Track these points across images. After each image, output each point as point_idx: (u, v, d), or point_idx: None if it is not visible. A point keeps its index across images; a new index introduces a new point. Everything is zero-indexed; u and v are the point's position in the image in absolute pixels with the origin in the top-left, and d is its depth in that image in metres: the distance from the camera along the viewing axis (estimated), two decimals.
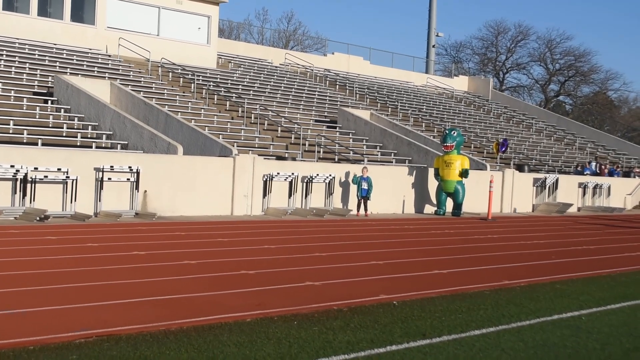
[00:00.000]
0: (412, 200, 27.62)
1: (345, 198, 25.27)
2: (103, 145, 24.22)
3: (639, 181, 39.50)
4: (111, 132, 24.88)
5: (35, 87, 28.44)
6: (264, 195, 23.08)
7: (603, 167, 41.07)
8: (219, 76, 37.64)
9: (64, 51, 33.64)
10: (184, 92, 33.38)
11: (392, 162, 31.41)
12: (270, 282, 10.69)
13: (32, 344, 6.90)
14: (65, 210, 18.90)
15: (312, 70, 46.17)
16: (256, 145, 28.53)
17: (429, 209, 27.86)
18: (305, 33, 79.73)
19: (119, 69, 33.43)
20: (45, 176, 18.64)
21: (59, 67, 31.26)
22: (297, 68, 46.21)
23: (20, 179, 18.25)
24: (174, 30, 37.92)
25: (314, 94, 40.50)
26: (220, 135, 27.08)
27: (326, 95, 41.16)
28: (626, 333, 8.73)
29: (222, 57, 41.95)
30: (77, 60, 32.90)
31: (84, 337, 7.22)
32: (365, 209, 24.72)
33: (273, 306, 9.01)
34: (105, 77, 31.03)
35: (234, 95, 34.58)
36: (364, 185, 24.63)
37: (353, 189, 25.04)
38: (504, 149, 31.18)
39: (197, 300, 9.23)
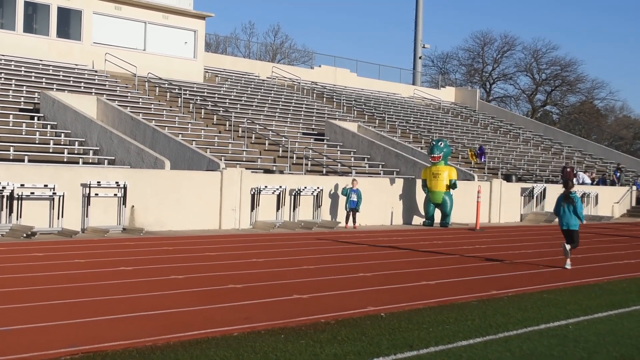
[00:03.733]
0: (401, 212, 27.65)
1: (333, 210, 25.28)
2: (90, 160, 24.17)
3: (626, 190, 39.67)
4: (98, 148, 24.84)
5: (22, 103, 28.38)
6: (252, 208, 23.06)
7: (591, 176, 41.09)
8: (206, 90, 37.65)
9: (50, 67, 33.59)
10: (170, 107, 33.36)
11: (380, 173, 31.46)
12: (258, 296, 10.68)
13: None
14: (52, 227, 18.84)
15: (299, 83, 46.24)
16: (244, 159, 28.53)
17: (418, 220, 27.90)
18: (292, 46, 79.87)
19: (105, 85, 33.40)
20: (32, 192, 18.58)
21: (45, 83, 31.21)
22: (284, 81, 46.27)
23: (7, 195, 18.18)
24: (161, 45, 37.92)
25: (301, 107, 40.55)
26: (208, 150, 27.06)
27: (313, 108, 41.21)
28: (613, 341, 8.76)
29: (208, 71, 41.98)
30: (63, 76, 32.86)
31: (71, 353, 7.19)
32: (354, 221, 24.73)
33: (260, 320, 9.01)
34: (91, 92, 30.99)
35: (221, 109, 34.59)
36: (354, 197, 24.64)
37: (341, 201, 25.04)
38: (483, 158, 31.09)
39: (184, 315, 9.21)
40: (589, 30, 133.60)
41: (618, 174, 42.45)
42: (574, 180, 38.47)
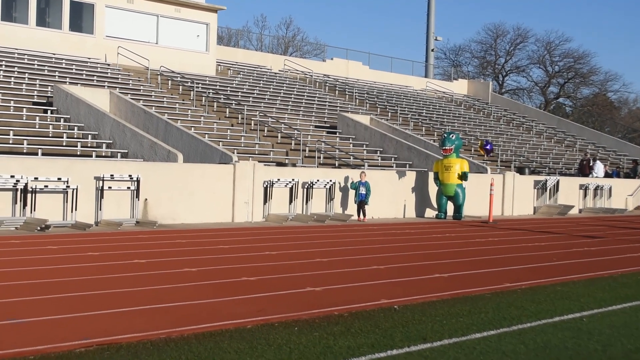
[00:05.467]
0: (413, 205, 27.61)
1: (346, 203, 25.26)
2: (103, 154, 24.24)
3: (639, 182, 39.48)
4: (111, 141, 24.90)
5: (35, 97, 28.48)
6: (265, 201, 23.08)
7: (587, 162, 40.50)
8: (218, 83, 37.68)
9: (63, 61, 33.69)
10: (183, 100, 33.41)
11: (392, 166, 31.41)
12: (271, 289, 10.69)
13: (32, 353, 6.90)
14: (65, 220, 18.90)
15: (312, 75, 46.21)
16: (256, 152, 28.55)
17: (430, 213, 27.86)
18: (304, 39, 79.86)
19: (118, 78, 33.47)
20: (46, 186, 18.65)
21: (58, 76, 31.30)
22: (296, 74, 46.25)
23: (21, 189, 18.25)
24: (173, 38, 37.97)
25: (314, 100, 40.53)
26: (220, 143, 27.09)
27: (326, 101, 41.19)
28: (627, 334, 8.72)
29: (221, 64, 42.00)
30: (76, 69, 32.95)
31: (85, 346, 7.22)
32: (364, 214, 24.69)
33: (274, 312, 9.01)
34: (104, 86, 31.06)
35: (233, 102, 34.61)
36: (362, 190, 24.60)
37: (352, 194, 25.01)
38: (489, 147, 30.76)
39: (198, 308, 9.23)
40: (602, 22, 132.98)
41: (638, 170, 41.97)
42: (592, 172, 38.35)
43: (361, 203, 24.67)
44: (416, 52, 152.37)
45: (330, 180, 24.64)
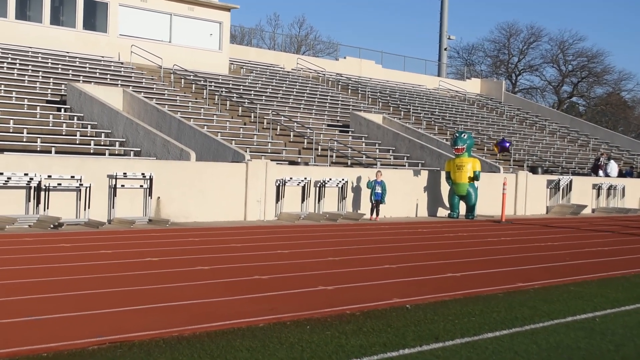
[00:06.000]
0: (425, 204, 27.58)
1: (358, 202, 25.25)
2: (116, 152, 24.31)
3: None
4: (124, 139, 24.98)
5: (49, 95, 28.59)
6: (277, 200, 23.10)
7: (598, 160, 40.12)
8: (231, 82, 37.73)
9: (77, 59, 33.81)
10: (196, 99, 33.47)
11: (405, 165, 31.38)
12: (283, 287, 10.71)
13: (45, 350, 6.94)
14: (79, 218, 18.98)
15: (324, 74, 46.20)
16: (269, 151, 28.57)
17: (443, 212, 27.82)
18: (316, 38, 79.93)
19: (131, 76, 33.56)
20: (59, 184, 18.71)
21: (72, 75, 31.41)
22: (309, 73, 46.25)
23: (34, 186, 18.33)
24: (186, 37, 38.05)
25: (326, 99, 40.53)
26: (233, 141, 27.13)
27: (338, 100, 41.18)
28: None
29: (234, 62, 42.06)
30: (89, 68, 33.06)
31: (97, 343, 7.25)
32: (377, 213, 24.67)
33: (286, 311, 9.03)
34: (117, 84, 31.15)
35: (246, 100, 34.66)
36: (378, 190, 24.58)
37: (366, 193, 24.99)
38: (508, 144, 30.56)
39: (210, 306, 9.26)
40: (616, 21, 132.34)
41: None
42: (602, 171, 38.18)
43: (377, 202, 24.65)
44: (429, 51, 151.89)
45: (343, 179, 24.64)
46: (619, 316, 9.71)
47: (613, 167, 39.01)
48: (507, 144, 30.13)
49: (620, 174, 39.63)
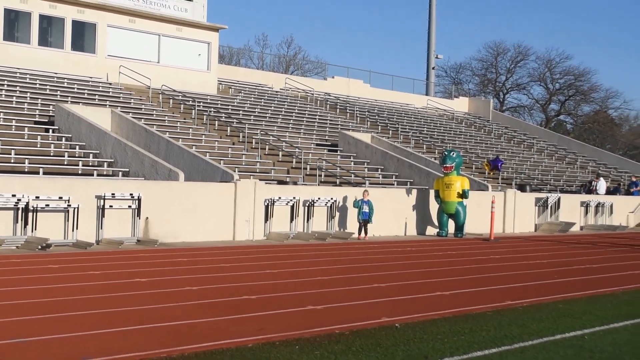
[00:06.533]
0: (414, 222, 27.60)
1: (347, 221, 25.25)
2: (104, 172, 24.26)
3: None
4: (112, 160, 24.93)
5: (37, 116, 28.55)
6: (266, 219, 23.08)
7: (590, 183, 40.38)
8: (219, 102, 37.76)
9: (65, 80, 33.79)
10: (184, 119, 33.47)
11: (393, 184, 31.42)
12: (272, 307, 10.68)
13: None
14: (67, 239, 18.90)
15: (313, 94, 46.31)
16: (257, 170, 28.57)
17: (431, 231, 27.83)
18: (305, 57, 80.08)
19: (119, 97, 33.56)
20: (47, 205, 18.65)
21: (60, 96, 31.38)
22: (297, 92, 46.35)
23: (22, 208, 18.26)
24: (174, 57, 38.11)
25: (315, 118, 40.61)
26: (222, 161, 27.13)
27: (327, 119, 41.26)
28: (629, 352, 8.70)
29: (222, 82, 42.12)
30: (78, 88, 33.04)
31: None
32: (365, 232, 24.65)
33: (275, 331, 9.00)
34: (106, 105, 31.13)
35: (234, 120, 34.68)
36: (365, 209, 24.58)
37: (354, 212, 24.98)
38: (500, 164, 30.72)
39: (199, 326, 9.22)
40: (602, 39, 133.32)
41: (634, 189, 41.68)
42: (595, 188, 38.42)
43: (364, 222, 24.63)
44: (417, 71, 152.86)
45: (332, 198, 24.65)
46: (608, 334, 9.72)
47: (601, 185, 39.20)
48: (500, 164, 30.24)
49: (608, 192, 39.81)
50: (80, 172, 23.85)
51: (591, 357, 8.38)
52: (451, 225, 27.33)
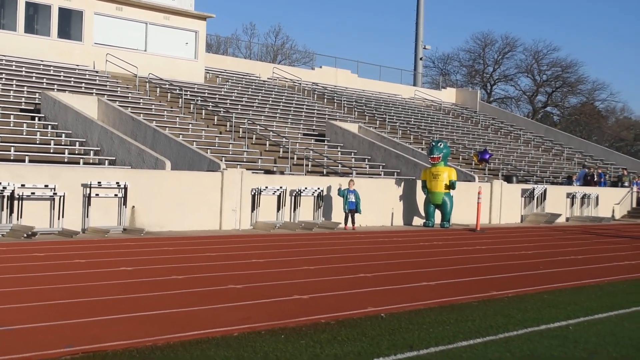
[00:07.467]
0: (401, 213, 27.64)
1: (334, 211, 25.26)
2: (90, 161, 24.18)
3: (626, 191, 39.63)
4: (99, 148, 24.85)
5: (23, 104, 28.41)
6: (253, 209, 23.06)
7: (591, 176, 40.68)
8: (206, 91, 37.67)
9: (51, 68, 33.62)
10: (171, 107, 33.38)
11: (380, 174, 31.46)
12: (258, 296, 10.68)
13: None
14: (52, 227, 18.84)
15: (300, 84, 46.26)
16: (244, 160, 28.53)
17: (418, 221, 27.89)
18: (293, 47, 79.98)
19: (106, 85, 33.42)
20: (33, 193, 18.58)
21: (46, 83, 31.23)
22: (285, 82, 46.29)
23: (7, 196, 18.18)
24: (162, 46, 37.96)
25: (302, 108, 40.57)
26: (209, 150, 27.08)
27: (314, 109, 41.23)
28: (613, 342, 8.75)
29: (209, 71, 42.01)
30: (64, 76, 32.89)
31: (71, 353, 7.19)
32: (353, 222, 24.64)
33: (261, 320, 9.01)
34: (92, 93, 31.01)
35: (222, 109, 34.61)
36: (351, 198, 24.54)
37: (341, 202, 24.94)
38: (488, 156, 30.84)
39: (185, 315, 9.21)
40: (590, 31, 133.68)
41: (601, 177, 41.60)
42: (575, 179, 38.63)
43: (352, 211, 24.61)
44: (405, 61, 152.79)
45: (319, 188, 24.64)
46: (592, 324, 9.77)
47: (581, 175, 39.50)
48: (488, 156, 30.31)
49: (592, 182, 39.75)
50: (66, 160, 23.77)
51: (575, 347, 8.42)
52: (437, 216, 27.39)
